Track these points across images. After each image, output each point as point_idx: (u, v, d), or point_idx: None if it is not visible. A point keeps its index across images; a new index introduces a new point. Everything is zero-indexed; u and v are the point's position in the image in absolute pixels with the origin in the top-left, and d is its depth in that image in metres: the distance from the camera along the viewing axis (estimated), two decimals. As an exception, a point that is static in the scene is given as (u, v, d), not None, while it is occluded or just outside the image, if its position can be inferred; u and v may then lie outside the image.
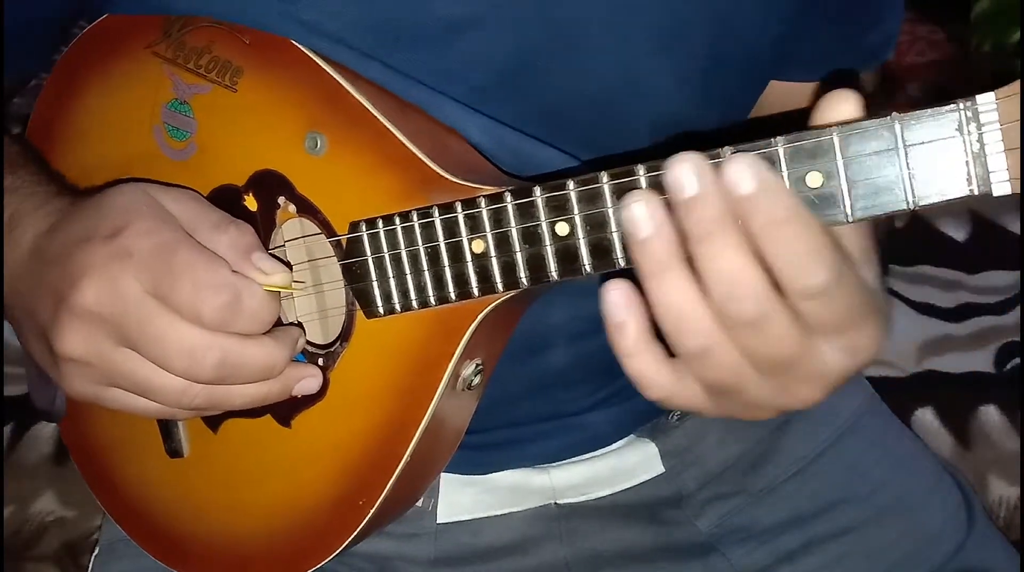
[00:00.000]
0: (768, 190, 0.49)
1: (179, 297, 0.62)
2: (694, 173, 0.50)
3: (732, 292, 0.51)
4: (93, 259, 0.63)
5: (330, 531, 0.70)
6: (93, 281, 0.62)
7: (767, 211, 0.49)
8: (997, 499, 1.21)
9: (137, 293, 0.62)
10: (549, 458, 0.91)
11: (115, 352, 0.63)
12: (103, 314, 0.62)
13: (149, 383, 0.64)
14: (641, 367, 0.55)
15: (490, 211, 0.61)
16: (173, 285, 0.62)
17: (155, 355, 0.62)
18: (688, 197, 0.50)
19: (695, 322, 0.52)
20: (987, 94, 0.50)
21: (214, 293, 0.62)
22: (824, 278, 0.50)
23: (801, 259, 0.50)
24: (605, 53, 0.72)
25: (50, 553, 1.26)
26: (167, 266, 0.62)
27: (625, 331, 0.54)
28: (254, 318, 0.64)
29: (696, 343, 0.53)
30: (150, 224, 0.64)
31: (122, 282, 0.62)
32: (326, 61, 0.67)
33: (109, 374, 0.64)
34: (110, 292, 0.62)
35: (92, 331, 0.63)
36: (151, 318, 0.62)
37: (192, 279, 0.62)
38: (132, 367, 0.63)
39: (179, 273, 0.62)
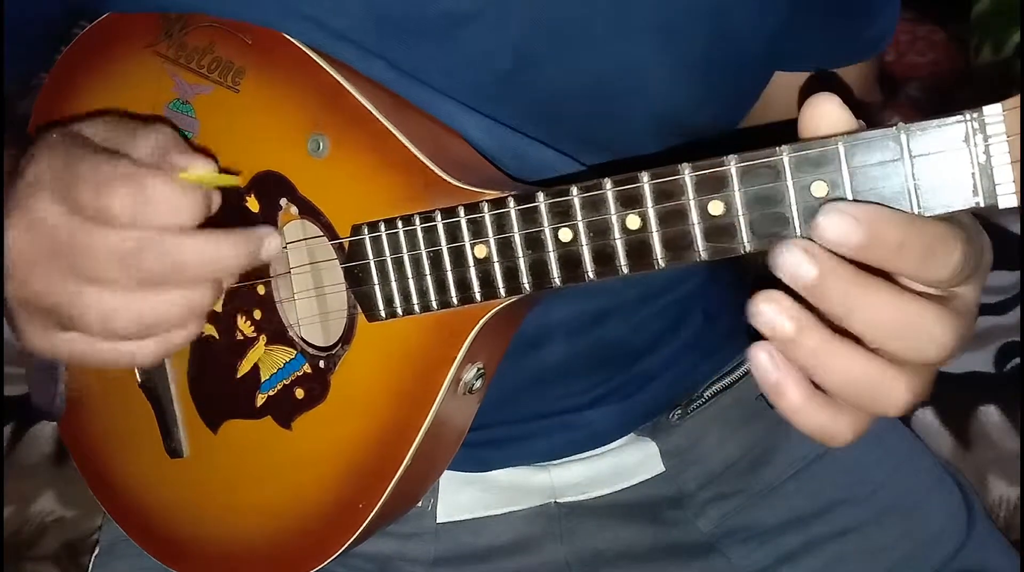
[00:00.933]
0: (872, 230, 0.50)
1: (85, 202, 0.59)
2: (805, 257, 0.50)
3: (892, 334, 0.51)
4: (12, 205, 0.61)
5: (329, 534, 0.70)
6: (14, 221, 0.61)
7: (882, 247, 0.50)
8: (997, 499, 1.21)
9: (50, 214, 0.59)
10: (549, 456, 0.91)
11: (52, 285, 0.60)
12: (32, 248, 0.60)
13: (79, 311, 0.60)
14: (810, 421, 0.54)
15: (493, 216, 0.61)
16: (79, 193, 0.59)
17: (91, 270, 0.59)
18: (810, 282, 0.50)
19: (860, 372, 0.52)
20: (994, 106, 0.49)
21: (115, 186, 0.58)
22: (956, 262, 0.51)
23: (934, 263, 0.51)
24: (606, 47, 0.72)
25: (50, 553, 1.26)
26: (71, 177, 0.59)
27: (784, 392, 0.53)
28: (170, 205, 0.59)
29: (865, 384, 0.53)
30: (55, 147, 0.61)
31: (35, 210, 0.60)
32: (329, 62, 0.67)
33: (57, 311, 0.61)
34: (28, 225, 0.60)
35: (27, 270, 0.61)
36: (73, 233, 0.59)
37: (93, 181, 0.59)
38: (71, 297, 0.60)
39: (82, 179, 0.59)
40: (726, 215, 0.55)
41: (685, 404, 0.92)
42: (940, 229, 0.51)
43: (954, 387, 1.32)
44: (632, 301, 0.87)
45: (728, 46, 0.75)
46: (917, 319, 0.51)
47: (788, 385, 0.52)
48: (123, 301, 0.60)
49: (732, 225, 0.55)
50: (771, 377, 0.53)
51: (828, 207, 0.50)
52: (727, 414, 0.93)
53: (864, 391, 0.52)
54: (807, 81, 0.83)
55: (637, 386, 0.90)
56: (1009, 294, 1.43)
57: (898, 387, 0.52)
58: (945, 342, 0.52)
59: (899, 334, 0.51)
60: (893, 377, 0.52)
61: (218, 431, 0.74)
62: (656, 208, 0.56)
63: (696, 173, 0.55)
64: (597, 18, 0.71)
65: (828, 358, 0.51)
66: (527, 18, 0.70)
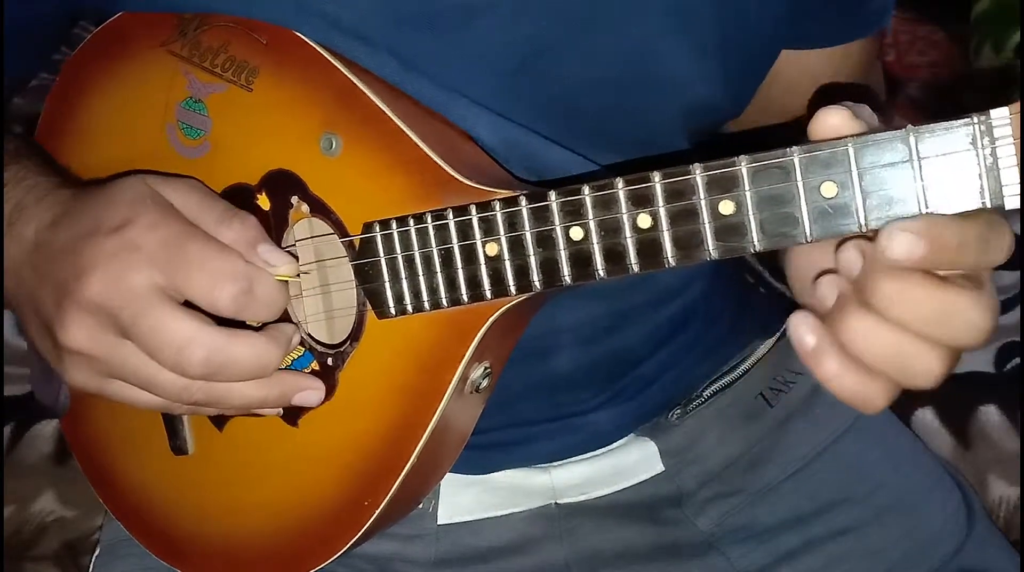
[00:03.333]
0: (933, 240, 0.51)
1: (194, 287, 0.62)
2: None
3: (932, 319, 0.53)
4: (99, 252, 0.63)
5: (334, 532, 0.70)
6: (99, 274, 0.63)
7: (944, 252, 0.52)
8: (997, 499, 1.21)
9: (142, 286, 0.62)
10: (550, 457, 0.91)
11: (117, 345, 0.64)
12: (107, 306, 0.63)
13: (149, 377, 0.64)
14: (845, 387, 0.56)
15: (504, 214, 0.62)
16: (188, 275, 0.62)
17: (148, 348, 0.63)
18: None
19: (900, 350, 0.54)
20: (1001, 109, 0.50)
21: (230, 281, 0.63)
22: (1009, 243, 0.53)
23: (991, 251, 0.53)
24: (621, 33, 0.73)
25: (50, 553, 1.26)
26: (180, 257, 0.63)
27: (821, 359, 0.55)
28: (267, 306, 0.65)
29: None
30: (156, 217, 0.64)
31: (128, 275, 0.62)
32: (342, 61, 0.68)
33: (111, 367, 0.65)
34: (116, 285, 0.62)
35: (96, 323, 0.63)
36: (147, 310, 0.62)
37: (207, 269, 0.63)
38: (134, 361, 0.64)
39: (193, 264, 0.63)
40: (736, 214, 0.55)
41: (685, 404, 0.92)
42: (987, 217, 0.52)
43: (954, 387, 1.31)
44: (642, 308, 0.87)
45: (740, 26, 0.76)
46: (954, 308, 0.53)
47: (825, 353, 0.55)
48: (171, 379, 0.64)
49: (742, 224, 0.55)
50: (808, 345, 0.55)
51: (889, 228, 0.51)
52: (726, 413, 0.93)
53: (900, 365, 0.54)
54: (820, 95, 0.83)
55: (638, 387, 0.91)
56: (1009, 294, 1.44)
57: (933, 361, 0.54)
58: (984, 327, 0.53)
59: (939, 322, 0.53)
60: (928, 351, 0.54)
61: (224, 429, 0.75)
62: (667, 207, 0.57)
63: (707, 173, 0.56)
64: (611, 4, 0.72)
65: (867, 335, 0.54)
66: (542, 7, 0.71)
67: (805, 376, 0.94)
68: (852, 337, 0.54)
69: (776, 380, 0.94)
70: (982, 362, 1.35)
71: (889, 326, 0.53)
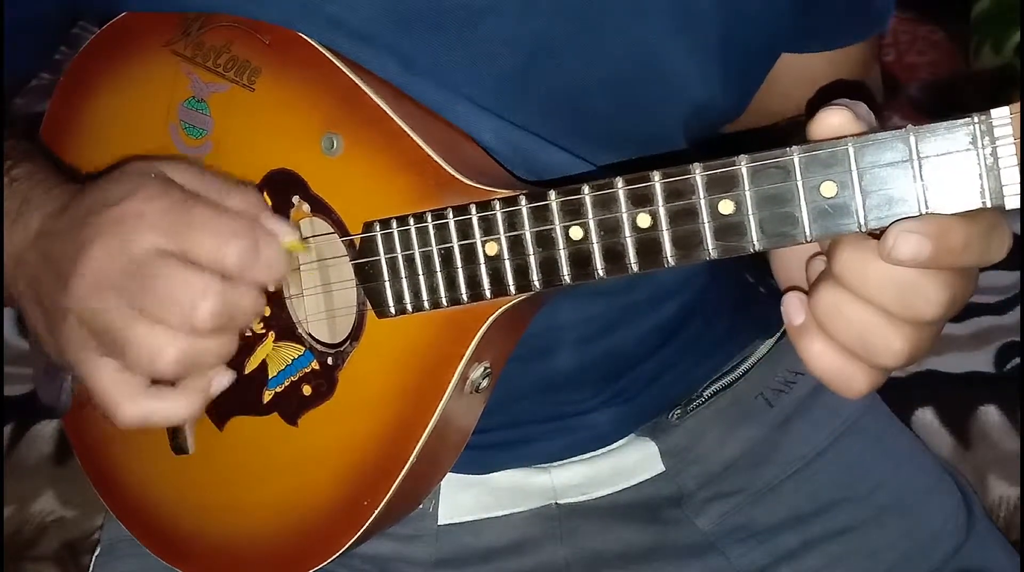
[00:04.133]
0: (940, 240, 0.52)
1: (201, 246, 0.62)
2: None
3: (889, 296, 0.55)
4: (100, 226, 0.63)
5: (334, 531, 0.70)
6: (100, 245, 0.62)
7: (950, 252, 0.53)
8: (997, 499, 1.21)
9: (145, 249, 0.62)
10: (551, 458, 0.91)
11: (114, 312, 0.62)
12: (109, 275, 0.62)
13: (129, 341, 0.62)
14: (826, 363, 0.58)
15: (504, 214, 0.62)
16: (194, 235, 0.62)
17: (152, 307, 0.62)
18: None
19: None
20: (1001, 108, 0.50)
21: (238, 240, 0.62)
22: (1009, 240, 0.55)
23: (992, 249, 0.54)
24: (623, 35, 0.73)
25: (50, 553, 1.26)
26: (184, 220, 0.62)
27: (806, 332, 0.58)
28: (270, 267, 0.64)
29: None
30: (157, 188, 0.64)
31: (133, 238, 0.62)
32: (344, 62, 0.68)
33: (102, 337, 0.63)
34: (118, 252, 0.62)
35: (94, 292, 0.62)
36: (157, 271, 0.61)
37: (213, 229, 0.62)
38: (123, 325, 0.62)
39: (197, 224, 0.62)
40: (736, 214, 0.56)
41: (685, 404, 0.92)
42: (989, 216, 0.53)
43: (954, 387, 1.32)
44: (641, 307, 0.87)
45: (742, 27, 0.76)
46: (911, 281, 0.54)
47: (810, 331, 0.58)
48: (179, 340, 0.63)
49: (742, 224, 0.56)
50: (796, 322, 0.59)
51: (895, 229, 0.52)
52: (726, 413, 0.93)
53: (863, 339, 0.56)
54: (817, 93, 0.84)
55: (638, 387, 0.91)
56: (1009, 294, 1.43)
57: (895, 339, 0.56)
58: (940, 300, 0.54)
59: (895, 296, 0.54)
60: (889, 329, 0.55)
61: (224, 428, 0.75)
62: (667, 207, 0.57)
63: (707, 172, 0.56)
64: (614, 4, 0.72)
65: (832, 308, 0.56)
66: (545, 8, 0.71)
67: (805, 376, 0.94)
68: (822, 309, 0.57)
69: (776, 380, 0.94)
70: (982, 362, 1.35)
71: (852, 297, 0.55)
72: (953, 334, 1.35)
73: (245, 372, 0.73)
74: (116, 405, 0.65)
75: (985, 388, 1.32)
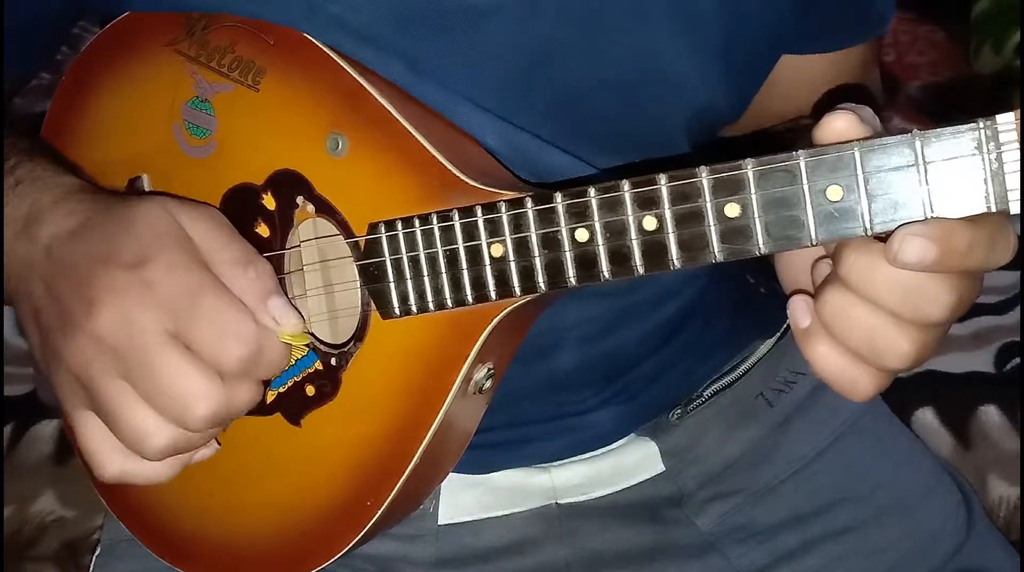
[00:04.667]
0: (944, 244, 0.52)
1: (203, 342, 0.61)
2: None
3: (895, 299, 0.55)
4: (111, 285, 0.62)
5: (336, 532, 0.70)
6: (109, 308, 0.61)
7: (955, 255, 0.53)
8: (997, 499, 1.22)
9: (151, 328, 0.61)
10: (551, 457, 0.91)
11: (110, 382, 0.62)
12: (111, 342, 0.61)
13: (120, 419, 0.62)
14: (832, 366, 0.58)
15: (510, 215, 0.62)
16: (198, 329, 0.61)
17: (148, 391, 0.61)
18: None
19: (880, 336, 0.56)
20: (1007, 114, 0.51)
21: (240, 344, 0.62)
22: (1014, 243, 0.55)
23: (997, 252, 0.54)
24: (626, 38, 0.73)
25: (50, 553, 1.26)
26: (192, 308, 0.61)
27: (811, 335, 0.58)
28: (270, 369, 0.64)
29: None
30: (175, 258, 0.63)
31: (138, 315, 0.61)
32: (349, 63, 0.68)
33: (95, 400, 0.63)
34: (124, 323, 0.61)
35: (95, 356, 0.62)
36: (159, 356, 0.61)
37: (218, 326, 0.61)
38: (118, 401, 0.62)
39: (205, 318, 0.61)
40: (742, 217, 0.56)
41: (685, 404, 0.92)
42: (994, 220, 0.53)
43: (954, 387, 1.33)
44: (643, 307, 0.87)
45: (743, 29, 0.76)
46: (917, 284, 0.54)
47: (816, 333, 0.58)
48: (169, 431, 0.63)
49: (748, 227, 0.56)
50: (803, 325, 0.58)
51: (901, 233, 0.52)
52: (727, 413, 0.93)
53: (871, 342, 0.56)
54: (822, 98, 0.84)
55: (639, 387, 0.91)
56: (1009, 294, 1.44)
57: (902, 341, 0.56)
58: (948, 302, 0.55)
59: (901, 299, 0.55)
60: (896, 331, 0.55)
61: (226, 428, 0.75)
62: (673, 209, 0.57)
63: (713, 176, 0.56)
64: (616, 6, 0.72)
65: (840, 310, 0.56)
66: (549, 10, 0.71)
67: (806, 376, 0.94)
68: (828, 312, 0.57)
69: (776, 380, 0.94)
70: (982, 362, 1.36)
71: (858, 300, 0.55)
72: (953, 334, 1.35)
73: None
74: (95, 459, 0.65)
75: (985, 388, 1.33)
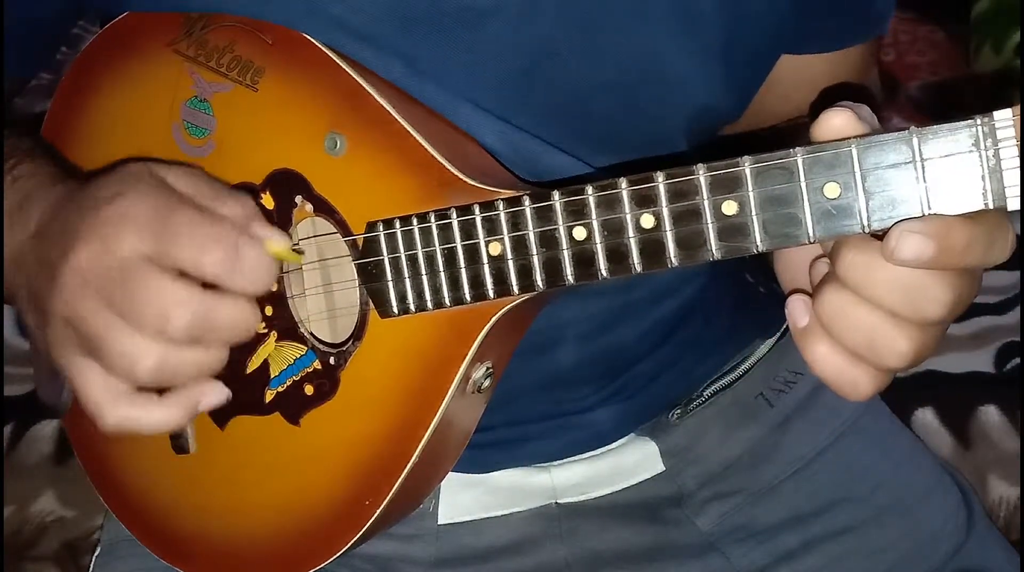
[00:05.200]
0: (942, 241, 0.52)
1: (179, 252, 0.61)
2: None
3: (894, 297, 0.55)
4: (89, 223, 0.62)
5: (335, 531, 0.70)
6: (87, 243, 0.62)
7: (952, 252, 0.53)
8: (997, 499, 1.22)
9: (128, 254, 0.61)
10: (551, 457, 0.91)
11: (96, 313, 0.62)
12: (93, 274, 0.62)
13: (107, 346, 0.62)
14: (831, 366, 0.58)
15: (508, 214, 0.62)
16: (174, 244, 0.61)
17: (130, 313, 0.61)
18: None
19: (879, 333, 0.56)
20: (1004, 110, 0.50)
21: (216, 245, 0.61)
22: (1013, 240, 0.55)
23: (995, 250, 0.54)
24: (625, 38, 0.73)
25: (50, 553, 1.26)
26: (165, 225, 0.61)
27: (811, 335, 0.58)
28: (253, 274, 0.63)
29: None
30: (147, 189, 0.63)
31: (115, 244, 0.61)
32: (347, 62, 0.68)
33: (85, 338, 0.63)
34: (103, 253, 0.61)
35: (79, 291, 0.62)
36: (138, 277, 0.61)
37: (192, 235, 0.61)
38: (104, 329, 0.62)
39: (180, 231, 0.61)
40: (740, 215, 0.56)
41: (685, 403, 0.92)
42: (992, 217, 0.53)
43: (954, 387, 1.32)
44: (641, 304, 0.87)
45: (743, 29, 0.76)
46: (916, 282, 0.54)
47: (815, 333, 0.58)
48: (155, 348, 0.62)
49: (745, 225, 0.56)
50: (801, 324, 0.58)
51: (897, 229, 0.52)
52: (727, 413, 0.93)
53: (870, 341, 0.56)
54: (820, 95, 0.84)
55: (638, 386, 0.91)
56: (1009, 294, 1.44)
57: (901, 340, 0.56)
58: (946, 301, 0.55)
59: (900, 297, 0.54)
60: (895, 330, 0.55)
61: (225, 428, 0.75)
62: (670, 207, 0.57)
63: (710, 173, 0.56)
64: (616, 6, 0.72)
65: (839, 310, 0.56)
66: (549, 10, 0.71)
67: (805, 376, 0.94)
68: (827, 311, 0.56)
69: (776, 380, 0.94)
70: (982, 362, 1.36)
71: (857, 299, 0.55)
72: (953, 334, 1.35)
73: (247, 372, 0.73)
74: (98, 409, 0.64)
75: (985, 388, 1.33)
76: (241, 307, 0.63)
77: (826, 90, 0.84)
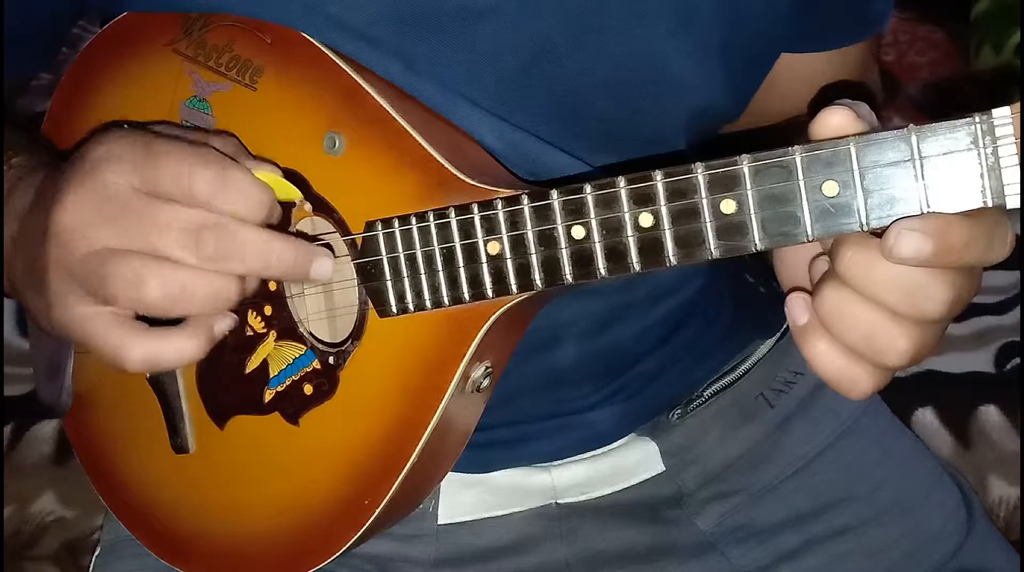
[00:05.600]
0: (940, 239, 0.52)
1: (168, 179, 0.60)
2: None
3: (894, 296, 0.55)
4: (75, 171, 0.62)
5: (334, 531, 0.70)
6: (75, 187, 0.61)
7: (951, 251, 0.53)
8: (997, 499, 1.22)
9: (118, 189, 0.61)
10: (551, 456, 0.91)
11: (96, 252, 0.61)
12: (88, 215, 0.61)
13: (111, 278, 0.61)
14: (830, 363, 0.58)
15: (506, 213, 0.62)
16: (160, 172, 0.60)
17: (129, 242, 0.60)
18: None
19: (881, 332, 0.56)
20: (1002, 108, 0.50)
21: (203, 166, 0.60)
22: (1012, 239, 0.55)
23: (995, 249, 0.54)
24: (624, 37, 0.73)
25: (50, 553, 1.26)
26: (148, 155, 0.61)
27: (810, 333, 0.58)
28: (245, 194, 0.61)
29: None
30: (129, 133, 0.63)
31: (102, 183, 0.61)
32: (346, 62, 0.68)
33: (87, 279, 0.62)
34: (94, 192, 0.61)
35: (76, 232, 0.61)
36: (131, 208, 0.60)
37: (177, 160, 0.61)
38: (106, 263, 0.61)
39: (165, 159, 0.61)
40: (738, 213, 0.56)
41: (685, 403, 0.92)
42: (991, 215, 0.53)
43: (954, 387, 1.32)
44: (641, 303, 0.87)
45: (742, 29, 0.76)
46: (915, 280, 0.54)
47: (815, 331, 0.58)
48: (156, 267, 0.60)
49: (744, 223, 0.56)
50: (801, 322, 0.58)
51: (896, 227, 0.52)
52: (727, 413, 0.93)
53: (869, 340, 0.56)
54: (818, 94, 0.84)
55: (638, 386, 0.91)
56: (1009, 294, 1.44)
57: (900, 338, 0.56)
58: (945, 299, 0.55)
59: (899, 295, 0.54)
60: (894, 328, 0.55)
61: (225, 427, 0.75)
62: (669, 206, 0.57)
63: (709, 172, 0.56)
64: (615, 6, 0.72)
65: (841, 308, 0.56)
66: (547, 10, 0.71)
67: (805, 376, 0.94)
68: (826, 309, 0.56)
69: (777, 380, 0.95)
70: (982, 362, 1.36)
71: (856, 297, 0.55)
72: (953, 334, 1.35)
73: (246, 371, 0.73)
74: (120, 349, 0.63)
75: (985, 388, 1.32)
76: (235, 229, 0.61)
77: (825, 88, 0.84)
